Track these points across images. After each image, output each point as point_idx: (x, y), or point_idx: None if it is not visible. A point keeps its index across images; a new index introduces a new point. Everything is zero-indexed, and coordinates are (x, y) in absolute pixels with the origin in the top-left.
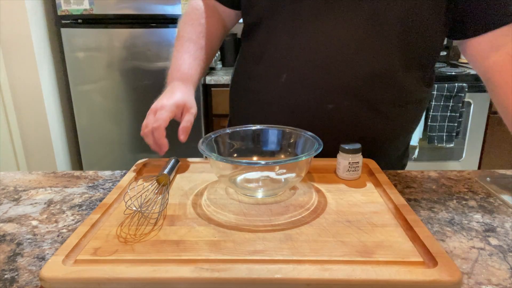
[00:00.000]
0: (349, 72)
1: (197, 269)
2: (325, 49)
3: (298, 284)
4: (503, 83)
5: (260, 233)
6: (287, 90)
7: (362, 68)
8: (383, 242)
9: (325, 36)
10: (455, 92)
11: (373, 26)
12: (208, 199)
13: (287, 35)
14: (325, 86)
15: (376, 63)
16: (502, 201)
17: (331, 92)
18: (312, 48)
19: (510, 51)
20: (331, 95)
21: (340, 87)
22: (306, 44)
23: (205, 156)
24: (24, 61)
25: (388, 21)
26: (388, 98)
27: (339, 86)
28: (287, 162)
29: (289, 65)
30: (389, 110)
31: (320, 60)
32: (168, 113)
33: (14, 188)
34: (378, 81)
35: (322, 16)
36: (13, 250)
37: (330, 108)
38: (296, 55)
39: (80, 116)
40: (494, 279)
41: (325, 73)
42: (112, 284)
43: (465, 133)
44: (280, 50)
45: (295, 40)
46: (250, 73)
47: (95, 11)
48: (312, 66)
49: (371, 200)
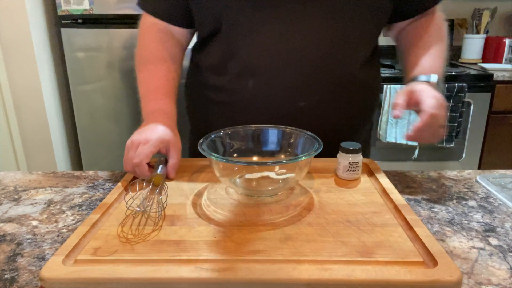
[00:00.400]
0: (314, 68)
1: (197, 269)
2: (288, 49)
3: (298, 284)
4: (408, 43)
5: (260, 233)
6: (255, 95)
7: (327, 63)
8: (383, 242)
9: (286, 37)
10: (455, 92)
11: (333, 22)
12: (208, 199)
13: (248, 42)
14: (294, 85)
15: (338, 58)
16: (502, 201)
17: (300, 90)
18: (275, 50)
19: (422, 22)
20: (301, 93)
21: (308, 84)
22: (268, 47)
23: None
24: (24, 61)
25: (346, 16)
26: (350, 89)
27: (307, 83)
28: (287, 162)
29: (254, 70)
30: (350, 100)
31: (285, 61)
32: (152, 148)
33: (14, 188)
34: (341, 75)
35: (281, 18)
36: (13, 250)
37: (302, 105)
38: (259, 59)
39: (80, 116)
40: (494, 279)
41: (291, 72)
42: (112, 284)
43: (465, 133)
44: (243, 58)
45: (256, 46)
46: (213, 85)
47: (95, 11)
48: (277, 67)
49: (371, 200)
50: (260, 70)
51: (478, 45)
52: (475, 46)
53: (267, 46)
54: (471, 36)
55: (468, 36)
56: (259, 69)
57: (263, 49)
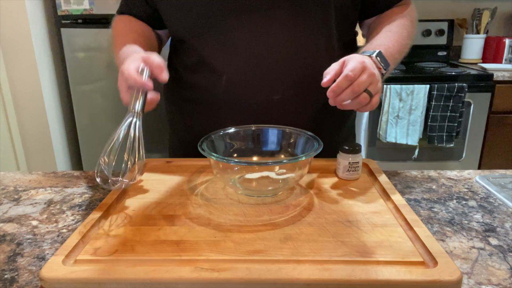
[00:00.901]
0: (286, 62)
1: (197, 269)
2: (258, 45)
3: (298, 284)
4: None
5: (260, 233)
6: (229, 90)
7: (295, 59)
8: (383, 242)
9: (256, 33)
10: (455, 92)
11: (298, 15)
12: (208, 199)
13: (219, 42)
14: (267, 79)
15: (307, 52)
16: (502, 201)
17: (274, 83)
18: (246, 46)
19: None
20: (275, 86)
21: (281, 78)
22: (239, 44)
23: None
24: (24, 61)
25: (312, 9)
26: None
27: (280, 77)
28: (287, 162)
29: (227, 66)
30: (324, 95)
31: (256, 55)
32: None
33: (14, 188)
34: (311, 71)
35: (249, 15)
36: (13, 250)
37: (276, 99)
38: (231, 56)
39: (80, 116)
40: (494, 279)
41: (263, 66)
42: (112, 284)
43: (465, 133)
44: (215, 56)
45: (228, 45)
46: (187, 83)
47: (95, 11)
48: (249, 62)
49: (371, 200)
50: (232, 65)
51: (478, 45)
52: (475, 46)
53: (237, 48)
54: (471, 36)
55: (468, 36)
56: (231, 68)
57: (233, 51)
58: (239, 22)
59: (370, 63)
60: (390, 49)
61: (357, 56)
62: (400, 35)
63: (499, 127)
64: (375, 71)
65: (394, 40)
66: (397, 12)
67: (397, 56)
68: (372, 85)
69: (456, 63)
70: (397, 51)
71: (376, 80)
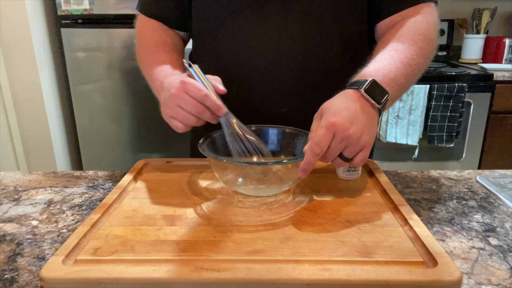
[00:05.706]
0: (295, 74)
1: (197, 269)
2: (266, 56)
3: (298, 284)
4: (383, 41)
5: (260, 233)
6: (239, 102)
7: (308, 68)
8: (383, 242)
9: (264, 43)
10: (455, 92)
11: (309, 26)
12: (208, 199)
13: (229, 52)
14: (276, 91)
15: (319, 62)
16: (502, 201)
17: (282, 96)
18: (255, 57)
19: (396, 17)
20: (283, 98)
21: (289, 90)
22: (248, 54)
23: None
24: (24, 61)
25: (322, 18)
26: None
27: (288, 89)
28: (287, 162)
29: (237, 78)
30: None
31: (265, 68)
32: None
33: (14, 188)
34: (323, 79)
35: (257, 26)
36: (13, 250)
37: (284, 111)
38: (240, 67)
39: (80, 116)
40: (494, 279)
41: (272, 79)
42: (112, 284)
43: (465, 133)
44: (225, 67)
45: (238, 55)
46: None
47: (95, 11)
48: (258, 74)
49: (371, 200)
50: (241, 77)
51: (478, 45)
52: (475, 46)
53: (246, 55)
54: (471, 36)
55: (468, 36)
56: (241, 77)
57: (243, 57)
58: (255, 14)
59: (348, 116)
60: (392, 73)
61: (333, 107)
62: (408, 53)
63: (499, 127)
64: (351, 129)
65: (399, 61)
66: (410, 16)
67: (403, 80)
68: (348, 148)
69: (456, 63)
70: (403, 74)
71: (353, 142)
